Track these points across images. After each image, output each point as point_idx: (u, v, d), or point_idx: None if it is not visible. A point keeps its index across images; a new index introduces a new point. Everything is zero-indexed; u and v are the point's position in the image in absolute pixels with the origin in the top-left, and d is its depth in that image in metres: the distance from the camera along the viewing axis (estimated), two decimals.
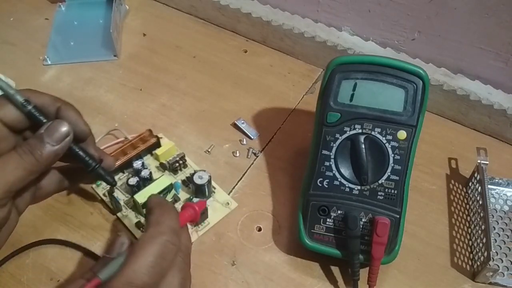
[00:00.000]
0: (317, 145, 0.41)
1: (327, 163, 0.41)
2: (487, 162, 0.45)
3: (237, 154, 0.51)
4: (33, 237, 0.43)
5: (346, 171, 0.40)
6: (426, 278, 0.42)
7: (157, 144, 0.49)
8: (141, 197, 0.43)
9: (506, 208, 0.46)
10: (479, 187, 0.45)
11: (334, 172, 0.40)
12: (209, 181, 0.45)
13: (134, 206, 0.45)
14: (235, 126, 0.53)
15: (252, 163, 0.50)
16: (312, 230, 0.41)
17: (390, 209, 0.39)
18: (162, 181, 0.44)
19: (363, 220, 0.39)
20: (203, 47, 0.63)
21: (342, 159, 0.40)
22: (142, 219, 0.44)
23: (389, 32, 0.56)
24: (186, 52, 0.62)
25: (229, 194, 0.47)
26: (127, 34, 0.65)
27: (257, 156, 0.51)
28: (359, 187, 0.40)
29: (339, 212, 0.40)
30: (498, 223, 0.45)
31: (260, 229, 0.45)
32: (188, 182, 0.46)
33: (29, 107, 0.35)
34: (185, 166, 0.48)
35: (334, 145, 0.40)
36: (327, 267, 0.42)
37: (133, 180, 0.44)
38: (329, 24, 0.59)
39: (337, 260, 0.41)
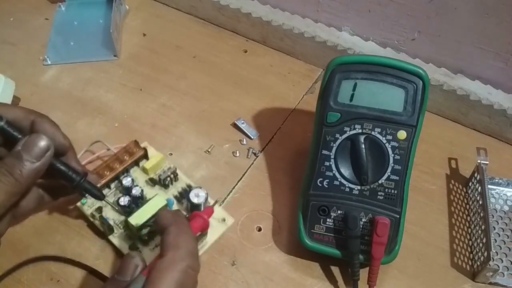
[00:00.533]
0: (317, 145, 0.41)
1: (327, 163, 0.41)
2: (487, 162, 0.45)
3: (237, 154, 0.51)
4: (34, 239, 0.43)
5: (346, 171, 0.40)
6: (426, 278, 0.42)
7: (145, 156, 0.46)
8: (135, 219, 0.40)
9: (506, 208, 0.46)
10: (479, 187, 0.45)
11: (334, 172, 0.40)
12: (205, 199, 0.42)
13: (127, 227, 0.42)
14: (235, 126, 0.53)
15: (252, 163, 0.50)
16: (312, 230, 0.41)
17: (390, 209, 0.39)
18: (157, 201, 0.41)
19: (363, 220, 0.39)
20: (203, 47, 0.63)
21: (342, 159, 0.40)
22: (137, 241, 0.42)
23: (389, 32, 0.56)
24: (186, 52, 0.62)
25: (229, 194, 0.47)
26: (127, 34, 0.65)
27: (257, 156, 0.51)
28: (359, 187, 0.40)
29: (339, 212, 0.40)
30: (498, 223, 0.45)
31: (260, 229, 0.45)
32: (181, 197, 0.45)
33: (1, 123, 0.32)
34: (176, 179, 0.46)
35: (334, 145, 0.40)
36: (327, 267, 0.42)
37: (124, 200, 0.42)
38: (329, 24, 0.59)
39: (337, 260, 0.41)
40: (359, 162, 0.40)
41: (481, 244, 0.41)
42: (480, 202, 0.43)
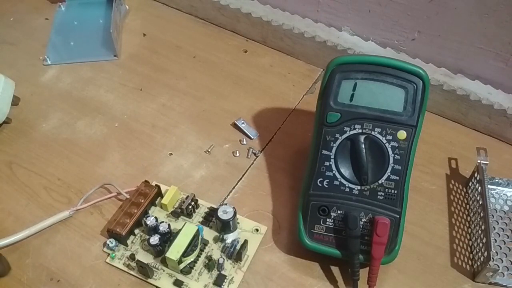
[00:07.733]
0: (317, 145, 0.41)
1: (327, 163, 0.41)
2: (487, 162, 0.45)
3: (237, 154, 0.51)
4: None
5: (346, 171, 0.40)
6: (426, 278, 0.42)
7: (159, 194, 0.46)
8: (173, 253, 0.39)
9: (506, 208, 0.46)
10: (479, 187, 0.45)
11: (334, 172, 0.40)
12: (234, 214, 0.42)
13: (166, 265, 0.41)
14: (235, 126, 0.53)
15: (252, 163, 0.50)
16: (312, 230, 0.41)
17: (390, 209, 0.39)
18: (188, 229, 0.40)
19: (363, 220, 0.39)
20: (203, 47, 0.63)
21: (342, 159, 0.40)
22: (179, 276, 0.41)
23: (389, 32, 0.56)
24: (186, 52, 0.62)
25: (229, 194, 0.47)
26: (127, 34, 0.65)
27: (257, 156, 0.51)
28: (359, 187, 0.40)
29: (339, 212, 0.40)
30: (498, 223, 0.45)
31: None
32: (207, 221, 0.44)
33: None
34: (197, 206, 0.45)
35: (334, 145, 0.40)
36: (327, 267, 0.42)
37: (154, 240, 0.40)
38: (329, 24, 0.59)
39: (337, 260, 0.41)
40: (359, 162, 0.40)
41: (481, 244, 0.41)
42: (480, 202, 0.43)
